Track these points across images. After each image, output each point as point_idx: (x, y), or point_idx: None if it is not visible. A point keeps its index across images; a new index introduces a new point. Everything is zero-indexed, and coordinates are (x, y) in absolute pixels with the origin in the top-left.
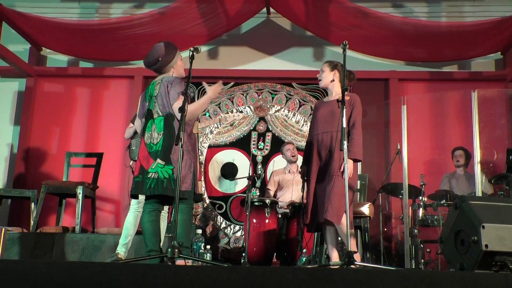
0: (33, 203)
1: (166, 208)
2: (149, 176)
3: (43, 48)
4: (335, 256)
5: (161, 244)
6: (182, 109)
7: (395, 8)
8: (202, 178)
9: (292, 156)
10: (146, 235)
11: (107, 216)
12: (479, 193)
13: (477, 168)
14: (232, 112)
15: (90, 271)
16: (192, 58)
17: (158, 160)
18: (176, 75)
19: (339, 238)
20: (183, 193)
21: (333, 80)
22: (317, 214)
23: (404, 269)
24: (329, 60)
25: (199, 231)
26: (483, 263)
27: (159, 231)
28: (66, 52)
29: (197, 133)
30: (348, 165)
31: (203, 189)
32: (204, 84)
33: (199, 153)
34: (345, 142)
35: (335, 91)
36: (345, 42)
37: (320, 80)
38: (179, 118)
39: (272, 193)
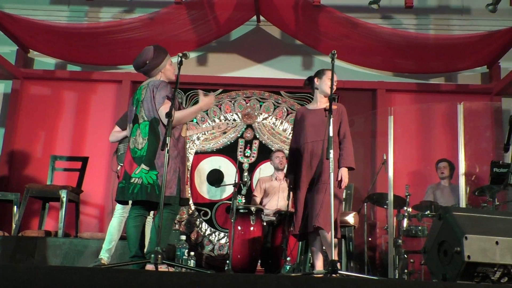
0: (15, 206)
1: (152, 213)
2: (132, 181)
3: (30, 50)
4: (319, 265)
5: (146, 250)
6: (168, 115)
7: (384, 20)
8: (189, 183)
9: (280, 164)
10: (130, 240)
11: (91, 220)
12: (463, 205)
13: (462, 180)
14: (219, 119)
15: (72, 276)
16: (180, 63)
17: (143, 166)
18: (164, 79)
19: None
20: (168, 198)
21: (317, 88)
22: (307, 223)
23: (387, 279)
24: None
25: (183, 237)
26: (466, 274)
27: (143, 236)
28: (54, 55)
29: (185, 137)
30: (344, 173)
31: (189, 194)
32: (200, 93)
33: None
34: (331, 151)
35: (320, 99)
36: (334, 51)
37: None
38: (165, 122)
39: (258, 200)
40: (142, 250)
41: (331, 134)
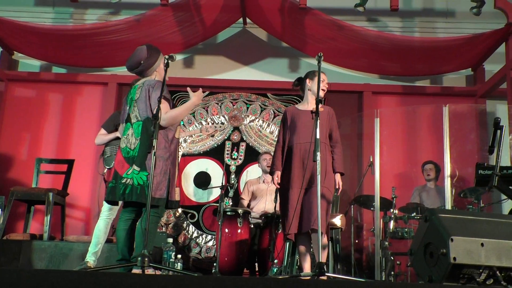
0: (0, 209)
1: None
2: (123, 181)
3: (15, 52)
4: (307, 267)
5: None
6: (155, 116)
7: (369, 22)
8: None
9: (267, 166)
10: (119, 243)
11: (77, 223)
12: (448, 207)
13: (447, 182)
14: (206, 121)
15: (57, 279)
16: (167, 65)
17: (134, 166)
18: (159, 78)
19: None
20: (157, 200)
21: (309, 89)
22: (303, 223)
23: (374, 281)
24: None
25: (170, 240)
26: (451, 276)
27: (132, 240)
28: (39, 57)
29: (178, 138)
30: (338, 179)
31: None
32: (189, 90)
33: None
34: (318, 154)
35: (311, 100)
36: (320, 54)
37: (324, 90)
38: (161, 123)
39: (246, 202)
40: (131, 253)
41: (317, 136)
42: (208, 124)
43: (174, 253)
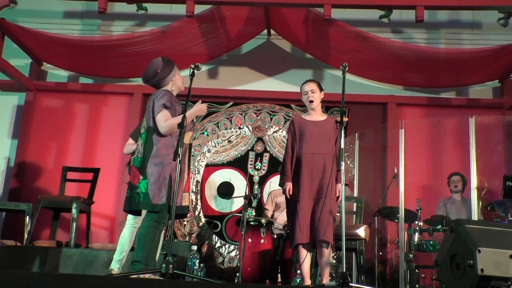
0: (27, 217)
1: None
2: (137, 191)
3: (43, 63)
4: (327, 276)
5: (157, 260)
6: (180, 125)
7: (394, 34)
8: (193, 190)
9: None
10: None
11: (101, 231)
12: (475, 219)
13: (474, 194)
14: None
15: (83, 284)
16: (192, 75)
17: (140, 175)
18: (175, 89)
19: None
20: (154, 206)
21: (320, 102)
22: (315, 232)
23: None
24: (313, 79)
25: (195, 247)
26: None
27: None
28: (67, 67)
29: (190, 144)
30: (339, 188)
31: (196, 204)
32: (199, 102)
33: (194, 168)
34: (343, 163)
35: (319, 112)
36: (345, 64)
37: (312, 100)
38: (161, 130)
39: (270, 213)
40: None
41: (342, 146)
42: (227, 130)
43: (198, 260)
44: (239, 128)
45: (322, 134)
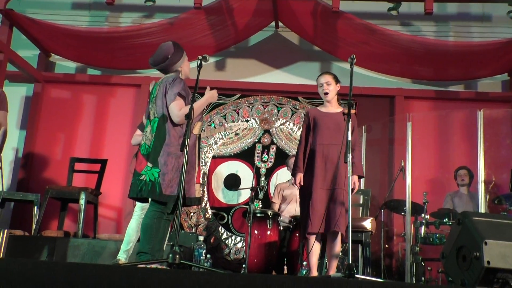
0: (35, 207)
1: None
2: (140, 178)
3: (52, 54)
4: (334, 268)
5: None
6: (188, 116)
7: (403, 26)
8: (200, 182)
9: None
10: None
11: (109, 222)
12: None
13: (481, 188)
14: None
15: (91, 273)
16: (200, 66)
17: (148, 163)
18: (182, 76)
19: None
20: (167, 197)
21: (336, 94)
22: (329, 223)
23: (405, 283)
24: (328, 71)
25: (201, 238)
26: (485, 280)
27: (164, 234)
28: (75, 59)
29: (199, 134)
30: (355, 179)
31: (203, 196)
32: (208, 88)
33: (201, 160)
34: (350, 155)
35: (335, 104)
36: (353, 56)
37: (327, 92)
38: (174, 119)
39: (276, 206)
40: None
41: (349, 138)
42: (234, 123)
43: (204, 251)
44: (246, 120)
45: (336, 125)
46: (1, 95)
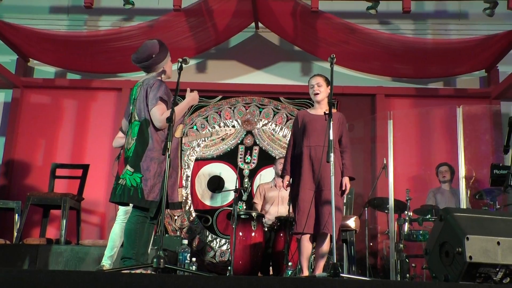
0: (16, 214)
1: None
2: (119, 182)
3: (30, 59)
4: (321, 268)
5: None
6: (169, 119)
7: (382, 25)
8: (184, 185)
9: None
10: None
11: (92, 228)
12: (464, 208)
13: (462, 183)
14: (219, 125)
15: (74, 280)
16: (180, 69)
17: (128, 167)
18: (164, 76)
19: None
20: (149, 203)
21: (327, 96)
22: (318, 225)
23: (390, 281)
24: (320, 74)
25: (185, 241)
26: (468, 275)
27: (149, 238)
28: (54, 63)
29: (181, 137)
30: (345, 181)
31: (186, 199)
32: (188, 90)
33: (183, 163)
34: (332, 155)
35: (325, 106)
36: (333, 55)
37: (318, 93)
38: (156, 124)
39: (259, 206)
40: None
41: (331, 138)
42: (220, 128)
43: (189, 254)
44: (228, 124)
45: (324, 127)
46: None
